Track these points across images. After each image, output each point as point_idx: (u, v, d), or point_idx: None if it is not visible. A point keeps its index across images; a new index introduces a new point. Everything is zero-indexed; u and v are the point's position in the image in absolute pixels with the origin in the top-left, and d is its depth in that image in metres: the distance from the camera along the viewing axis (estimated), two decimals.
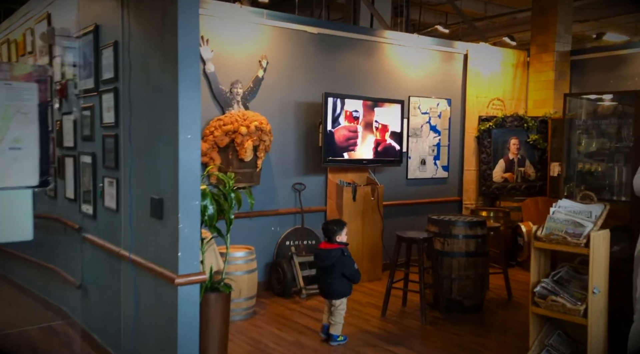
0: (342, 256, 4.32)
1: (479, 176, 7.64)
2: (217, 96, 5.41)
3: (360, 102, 6.14)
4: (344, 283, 4.35)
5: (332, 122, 5.91)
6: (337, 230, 4.42)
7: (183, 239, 3.01)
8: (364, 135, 6.20)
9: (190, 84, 3.02)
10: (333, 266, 4.31)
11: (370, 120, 6.25)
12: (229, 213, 3.44)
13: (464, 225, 5.19)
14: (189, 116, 3.02)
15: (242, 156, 5.23)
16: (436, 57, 7.25)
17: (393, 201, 6.82)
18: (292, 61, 5.93)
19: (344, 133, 6.03)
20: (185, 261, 3.01)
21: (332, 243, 4.40)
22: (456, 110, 7.51)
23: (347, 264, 4.33)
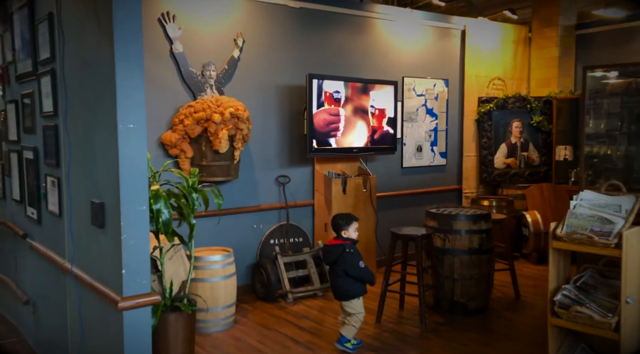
0: (344, 253, 3.85)
1: (480, 162, 7.09)
2: (187, 80, 4.81)
3: (348, 84, 5.55)
4: (350, 282, 3.89)
5: (318, 107, 5.32)
6: (342, 224, 3.99)
7: (128, 253, 2.44)
8: (353, 121, 5.62)
9: (130, 60, 2.44)
10: (335, 264, 3.90)
11: (361, 104, 5.66)
12: (190, 217, 2.87)
13: (466, 219, 4.64)
14: (130, 100, 2.43)
15: (217, 147, 4.65)
16: (431, 33, 6.65)
17: (387, 192, 6.27)
18: (272, 39, 5.32)
19: (331, 120, 5.44)
20: (131, 280, 2.45)
21: (337, 239, 3.98)
22: (454, 91, 6.93)
23: (349, 261, 3.86)
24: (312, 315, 4.70)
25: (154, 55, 4.60)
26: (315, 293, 5.16)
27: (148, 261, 2.50)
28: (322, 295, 5.18)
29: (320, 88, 5.31)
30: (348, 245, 3.91)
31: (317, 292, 5.17)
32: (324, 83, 5.34)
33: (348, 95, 5.55)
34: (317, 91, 5.29)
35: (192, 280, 4.29)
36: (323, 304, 4.97)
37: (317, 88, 5.28)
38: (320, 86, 5.31)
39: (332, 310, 4.80)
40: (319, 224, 5.62)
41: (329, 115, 5.42)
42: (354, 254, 3.89)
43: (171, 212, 2.67)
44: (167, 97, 4.70)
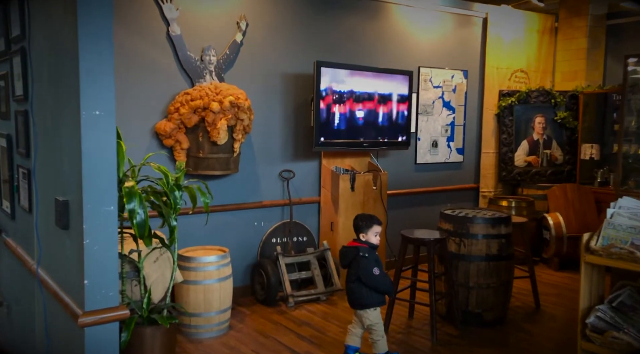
0: (358, 256, 3.49)
1: (499, 160, 6.66)
2: (184, 65, 4.45)
3: (360, 73, 5.15)
4: (364, 290, 3.50)
5: (326, 97, 4.94)
6: (362, 226, 3.60)
7: (91, 260, 2.10)
8: (364, 113, 5.23)
9: (97, 36, 2.08)
10: (350, 267, 3.54)
11: (373, 95, 5.27)
12: (170, 218, 2.51)
13: (484, 223, 4.24)
14: (96, 82, 2.08)
15: (215, 138, 4.29)
16: (451, 20, 6.22)
17: (399, 190, 5.88)
18: (279, 23, 4.94)
19: (339, 111, 5.06)
20: (94, 291, 2.11)
21: (354, 241, 3.62)
22: (473, 83, 6.50)
23: (363, 267, 3.47)
24: (314, 322, 4.35)
25: (148, 38, 4.25)
26: (319, 297, 4.81)
27: (116, 270, 2.15)
28: (326, 300, 4.83)
29: (329, 76, 4.92)
30: (364, 248, 3.52)
31: (321, 296, 4.81)
32: (333, 72, 4.95)
33: (359, 85, 5.15)
34: (326, 80, 4.90)
35: (184, 282, 3.97)
36: (326, 310, 4.61)
37: (326, 77, 4.89)
38: (329, 74, 4.92)
39: (336, 317, 4.44)
40: (325, 223, 5.26)
41: (337, 106, 5.04)
42: (368, 259, 3.49)
43: (147, 212, 2.33)
44: (162, 83, 4.36)
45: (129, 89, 4.19)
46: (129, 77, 4.18)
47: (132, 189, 2.29)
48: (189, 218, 4.47)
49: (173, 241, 2.59)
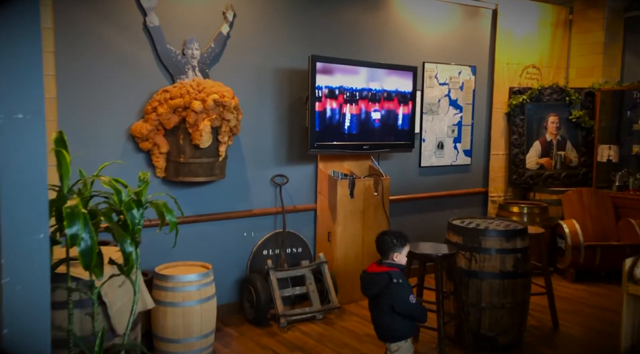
0: (391, 283, 2.97)
1: (509, 162, 6.21)
2: (163, 59, 4.00)
3: (359, 68, 4.70)
4: (398, 320, 3.01)
5: (322, 95, 4.49)
6: (396, 245, 3.05)
7: (12, 304, 1.64)
8: (364, 112, 4.77)
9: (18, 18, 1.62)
10: (379, 297, 3.02)
11: (373, 93, 4.81)
12: (125, 243, 2.06)
13: (498, 236, 3.79)
14: (18, 78, 1.63)
15: (197, 141, 3.85)
16: (458, 12, 5.75)
17: (402, 195, 5.43)
18: (270, 14, 4.49)
19: (337, 110, 4.61)
20: (17, 344, 1.65)
21: (381, 265, 3.05)
22: (482, 80, 6.04)
23: (397, 295, 2.97)
24: (308, 346, 3.90)
25: (122, 29, 3.80)
26: (314, 315, 4.36)
27: (47, 315, 1.70)
28: (322, 318, 4.38)
29: (325, 72, 4.47)
30: (396, 273, 2.99)
31: (317, 314, 4.37)
32: (330, 67, 4.49)
33: (358, 82, 4.70)
34: (322, 76, 4.45)
35: (160, 303, 3.52)
36: (322, 331, 4.17)
37: (321, 73, 4.44)
38: (325, 70, 4.47)
39: (333, 339, 4.00)
40: (322, 232, 4.81)
41: (335, 104, 4.58)
42: (403, 286, 2.99)
43: (95, 237, 1.88)
44: (138, 80, 3.91)
45: (99, 87, 3.74)
46: (100, 72, 3.73)
47: (74, 209, 1.84)
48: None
49: (130, 269, 2.14)
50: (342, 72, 4.58)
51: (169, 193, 4.05)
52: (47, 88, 3.36)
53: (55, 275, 2.35)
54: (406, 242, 3.10)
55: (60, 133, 2.06)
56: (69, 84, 3.58)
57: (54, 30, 3.38)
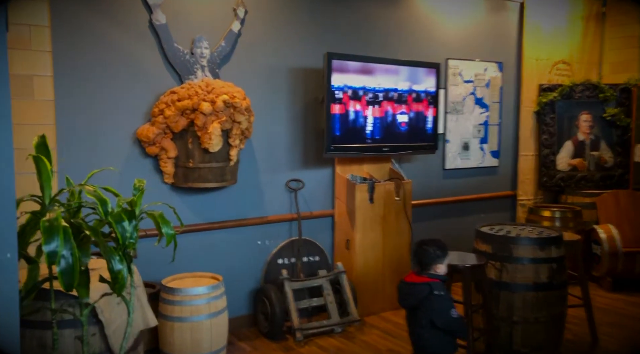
0: (432, 295, 2.77)
1: (539, 163, 5.86)
2: (171, 59, 3.80)
3: (379, 66, 4.44)
4: (438, 335, 2.80)
5: (339, 95, 4.24)
6: (438, 255, 2.88)
7: None
8: (384, 112, 4.51)
9: None
10: (418, 309, 2.82)
11: (394, 92, 4.54)
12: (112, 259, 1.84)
13: (531, 244, 3.48)
14: None
15: (206, 144, 3.63)
16: (483, 6, 5.45)
17: (425, 199, 5.14)
18: (283, 9, 4.26)
19: (355, 110, 4.35)
20: None
21: (421, 276, 2.86)
22: (509, 77, 5.71)
23: (438, 308, 2.77)
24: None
25: (126, 27, 3.61)
26: (333, 328, 4.10)
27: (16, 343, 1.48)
28: (341, 332, 4.12)
29: (342, 71, 4.22)
30: (437, 284, 2.80)
31: (335, 328, 4.11)
32: (346, 65, 4.24)
33: (377, 81, 4.43)
34: (339, 74, 4.20)
35: (167, 318, 3.31)
36: (341, 346, 3.91)
37: (338, 71, 4.19)
38: (342, 68, 4.22)
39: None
40: (340, 239, 4.55)
41: (353, 104, 4.33)
42: (444, 298, 2.78)
43: (77, 254, 1.66)
44: (144, 81, 3.71)
45: (102, 88, 3.55)
46: (102, 73, 3.54)
47: (53, 223, 1.63)
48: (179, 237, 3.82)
49: (121, 288, 1.91)
50: (360, 70, 4.33)
51: (178, 200, 3.88)
52: (44, 90, 3.17)
53: (45, 291, 2.15)
54: (447, 251, 2.92)
55: (43, 137, 1.86)
56: (68, 86, 3.39)
57: (51, 28, 3.19)
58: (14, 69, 3.01)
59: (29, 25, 3.04)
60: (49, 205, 1.81)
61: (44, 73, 3.15)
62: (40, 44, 3.09)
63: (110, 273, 1.81)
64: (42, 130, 3.15)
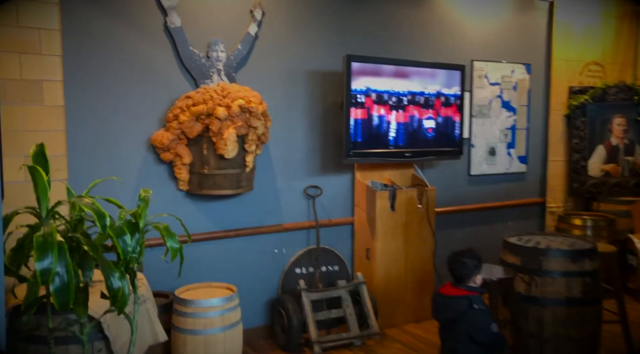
0: (471, 309, 2.66)
1: (570, 169, 5.61)
2: (186, 63, 3.70)
3: (401, 69, 4.27)
4: (473, 350, 2.68)
5: (359, 98, 4.09)
6: (477, 267, 2.78)
7: None
8: (406, 116, 4.34)
9: None
10: (454, 323, 2.70)
11: (417, 95, 4.37)
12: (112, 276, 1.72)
13: (562, 256, 3.28)
14: None
15: (221, 151, 3.52)
16: (510, 5, 5.24)
17: (449, 207, 4.95)
18: (301, 11, 4.13)
19: (376, 114, 4.20)
20: None
21: (458, 288, 2.75)
22: (538, 79, 5.48)
23: (478, 323, 2.66)
24: None
25: (140, 31, 3.53)
26: (352, 342, 3.94)
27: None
28: (361, 345, 3.96)
29: (362, 73, 4.07)
30: (476, 298, 2.69)
31: (354, 341, 3.95)
32: (367, 68, 4.09)
33: (399, 84, 4.27)
34: (359, 77, 4.05)
35: (179, 330, 3.20)
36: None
37: (358, 74, 4.04)
38: (362, 71, 4.07)
39: None
40: (360, 248, 4.40)
41: (373, 108, 4.17)
42: (484, 312, 2.67)
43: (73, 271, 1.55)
44: (158, 85, 3.62)
45: (115, 93, 3.47)
46: (115, 78, 3.46)
47: (47, 238, 1.52)
48: (193, 245, 3.72)
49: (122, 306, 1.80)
50: (381, 73, 4.17)
51: (193, 207, 3.78)
52: (54, 95, 3.10)
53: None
54: (482, 262, 2.82)
55: (41, 146, 1.76)
56: (79, 91, 3.31)
57: (61, 31, 3.11)
58: (23, 74, 2.95)
59: (38, 29, 2.97)
60: (46, 218, 1.71)
61: (54, 78, 3.08)
62: (50, 48, 3.01)
63: (109, 291, 1.70)
64: (52, 136, 3.10)
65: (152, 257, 3.41)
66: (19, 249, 1.72)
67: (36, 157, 1.73)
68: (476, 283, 2.76)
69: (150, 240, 3.34)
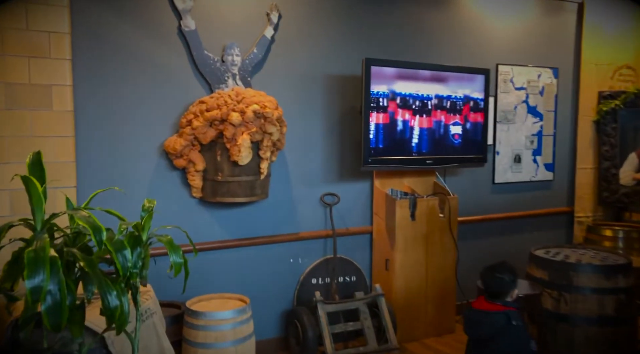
0: (509, 326, 2.52)
1: (599, 177, 5.37)
2: (200, 67, 3.61)
3: (422, 73, 4.12)
4: None
5: (378, 103, 3.95)
6: (514, 282, 2.65)
7: None
8: (427, 122, 4.18)
9: None
10: (491, 341, 2.57)
11: (438, 100, 4.21)
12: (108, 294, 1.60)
13: (594, 272, 3.08)
14: None
15: (235, 157, 3.41)
16: (537, 7, 5.05)
17: (472, 216, 4.76)
18: (319, 14, 4.01)
19: (395, 120, 4.05)
20: None
21: (494, 303, 2.62)
22: (566, 83, 5.27)
23: (516, 340, 2.53)
24: None
25: (153, 34, 3.44)
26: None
27: None
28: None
29: (382, 77, 3.93)
30: (514, 314, 2.56)
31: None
32: (387, 72, 3.95)
33: (420, 88, 4.12)
34: (378, 81, 3.91)
35: (190, 343, 3.09)
36: None
37: (377, 78, 3.91)
38: (382, 75, 3.93)
39: None
40: (378, 259, 4.25)
41: (393, 113, 4.03)
42: (523, 329, 2.54)
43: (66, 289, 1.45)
44: (172, 90, 3.53)
45: (126, 98, 3.39)
46: (127, 82, 3.38)
47: (39, 253, 1.42)
48: (207, 254, 3.63)
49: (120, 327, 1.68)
50: (401, 77, 4.02)
51: (206, 214, 3.68)
52: (63, 100, 3.02)
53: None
54: (517, 276, 2.70)
55: (38, 154, 1.66)
56: (89, 96, 3.23)
57: (71, 34, 3.03)
58: (32, 79, 2.88)
59: (48, 32, 2.90)
60: (41, 231, 1.61)
61: (63, 82, 3.00)
62: (59, 52, 2.94)
63: (105, 310, 1.58)
64: (60, 142, 3.03)
65: (164, 267, 3.31)
66: (14, 263, 1.62)
67: (32, 166, 1.63)
68: (512, 298, 2.63)
69: (160, 249, 3.24)
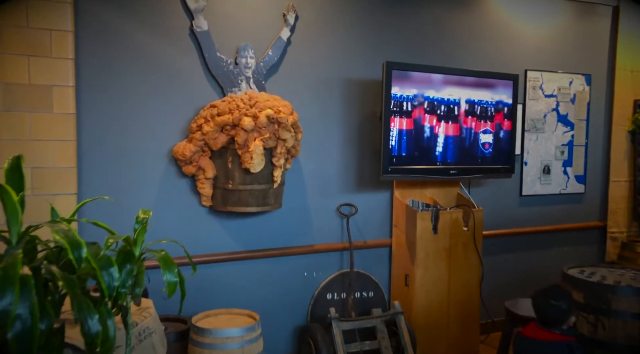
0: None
1: (634, 191, 5.06)
2: (212, 69, 3.44)
3: (446, 78, 3.90)
4: None
5: (399, 110, 3.73)
6: (570, 309, 2.48)
7: None
8: (451, 130, 3.95)
9: None
10: None
11: (462, 107, 3.98)
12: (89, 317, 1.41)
13: (635, 295, 2.80)
14: None
15: (247, 164, 3.23)
16: (568, 10, 4.78)
17: (498, 230, 4.50)
18: (338, 15, 3.82)
19: (417, 127, 3.82)
20: None
21: (551, 331, 2.44)
22: (599, 91, 4.98)
23: None
24: None
25: (163, 34, 3.29)
26: None
27: None
28: None
29: (403, 82, 3.72)
30: (576, 344, 2.40)
31: None
32: (408, 76, 3.74)
33: (444, 94, 3.89)
34: (399, 87, 3.70)
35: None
36: None
37: (398, 83, 3.69)
38: (403, 80, 3.72)
39: None
40: (398, 274, 4.01)
41: (415, 119, 3.80)
42: None
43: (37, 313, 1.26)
44: (183, 93, 3.37)
45: (135, 100, 3.23)
46: (137, 84, 3.23)
47: (8, 272, 1.23)
48: (215, 266, 3.44)
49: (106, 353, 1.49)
50: (423, 81, 3.81)
51: (216, 224, 3.50)
52: (65, 102, 2.87)
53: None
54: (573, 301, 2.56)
55: (17, 159, 1.49)
56: (93, 98, 3.08)
57: (74, 33, 2.89)
58: (32, 79, 2.74)
59: (49, 30, 2.76)
60: (16, 245, 1.43)
61: (65, 83, 2.85)
62: (61, 51, 2.80)
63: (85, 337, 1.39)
64: (61, 146, 2.88)
65: None
66: None
67: (9, 172, 1.45)
68: (568, 325, 2.43)
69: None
